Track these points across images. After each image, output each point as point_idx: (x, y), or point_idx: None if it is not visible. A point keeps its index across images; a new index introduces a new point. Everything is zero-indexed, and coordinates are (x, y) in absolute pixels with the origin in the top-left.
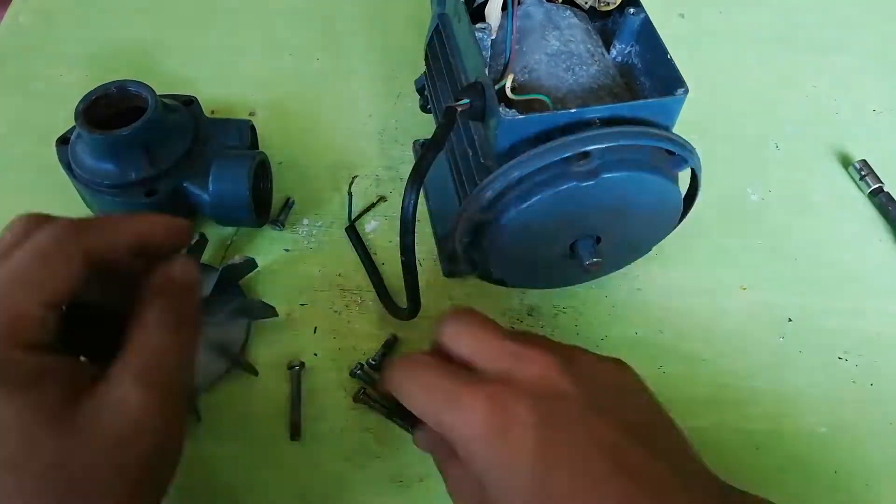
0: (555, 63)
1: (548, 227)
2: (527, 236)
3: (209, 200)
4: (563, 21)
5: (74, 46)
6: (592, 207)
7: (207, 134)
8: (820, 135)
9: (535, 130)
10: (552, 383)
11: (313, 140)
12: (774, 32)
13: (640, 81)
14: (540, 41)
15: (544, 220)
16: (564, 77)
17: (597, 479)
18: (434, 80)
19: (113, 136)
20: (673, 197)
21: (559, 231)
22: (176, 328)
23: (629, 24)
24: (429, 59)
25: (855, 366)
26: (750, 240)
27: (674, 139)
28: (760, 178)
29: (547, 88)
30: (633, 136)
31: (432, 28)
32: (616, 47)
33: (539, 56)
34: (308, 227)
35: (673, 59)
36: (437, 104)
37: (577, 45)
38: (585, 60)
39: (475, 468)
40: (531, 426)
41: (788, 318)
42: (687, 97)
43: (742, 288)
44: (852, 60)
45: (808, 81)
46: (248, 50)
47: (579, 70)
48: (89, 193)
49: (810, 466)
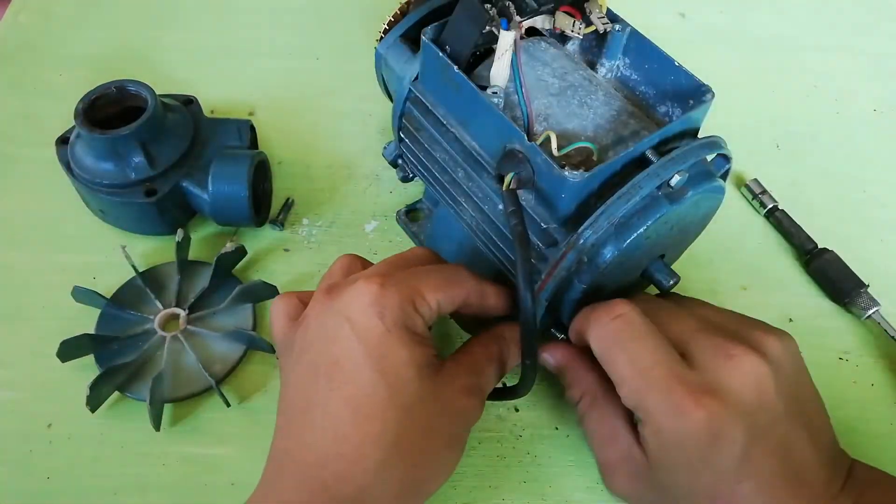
0: (566, 102)
1: (635, 257)
2: (616, 272)
3: (209, 200)
4: (544, 55)
5: (74, 46)
6: (674, 227)
7: (207, 134)
8: (820, 134)
9: (600, 182)
10: (763, 397)
11: (313, 140)
12: (774, 32)
13: (640, 92)
14: (537, 83)
15: (635, 251)
16: (583, 113)
17: (774, 484)
18: (424, 152)
19: (112, 136)
20: (721, 197)
21: (641, 258)
22: (495, 364)
23: (615, 41)
24: (409, 131)
25: (856, 366)
26: (751, 239)
27: (723, 143)
28: (761, 178)
29: (574, 131)
30: (700, 151)
31: (404, 97)
32: (605, 65)
33: (546, 100)
34: (308, 226)
35: (683, 66)
36: (430, 176)
37: (572, 75)
38: (589, 89)
39: (661, 454)
40: (739, 443)
41: (789, 318)
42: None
43: (742, 288)
44: (854, 60)
45: (808, 81)
46: (247, 50)
47: (591, 101)
48: (89, 193)
49: None
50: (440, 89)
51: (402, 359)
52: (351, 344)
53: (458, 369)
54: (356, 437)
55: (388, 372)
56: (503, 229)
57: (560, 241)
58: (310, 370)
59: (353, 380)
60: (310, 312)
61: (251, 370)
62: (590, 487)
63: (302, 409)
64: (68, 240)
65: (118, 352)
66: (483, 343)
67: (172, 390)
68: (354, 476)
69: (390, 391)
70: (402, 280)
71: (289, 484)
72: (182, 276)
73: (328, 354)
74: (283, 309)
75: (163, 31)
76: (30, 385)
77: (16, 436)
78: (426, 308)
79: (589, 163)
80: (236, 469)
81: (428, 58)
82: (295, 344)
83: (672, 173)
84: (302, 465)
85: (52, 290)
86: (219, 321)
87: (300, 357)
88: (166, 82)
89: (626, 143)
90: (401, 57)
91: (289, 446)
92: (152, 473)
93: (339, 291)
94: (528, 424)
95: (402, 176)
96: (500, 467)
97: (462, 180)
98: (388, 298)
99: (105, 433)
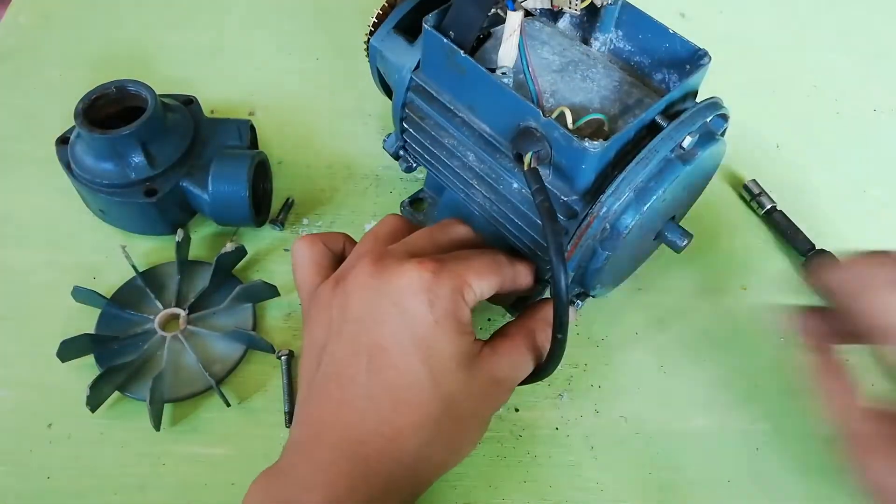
0: (569, 77)
1: (652, 220)
2: (635, 238)
3: (208, 200)
4: (540, 34)
5: (74, 46)
6: (685, 188)
7: (207, 134)
8: (820, 134)
9: (615, 151)
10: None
11: (313, 140)
12: (774, 32)
13: (634, 62)
14: (539, 61)
15: (652, 214)
16: (587, 87)
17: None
18: (430, 139)
19: (112, 136)
20: (723, 154)
21: (656, 221)
22: (531, 351)
23: (608, 14)
24: (413, 120)
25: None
26: (750, 239)
27: (722, 104)
28: (761, 178)
29: (582, 104)
30: (706, 112)
31: (405, 87)
32: (598, 39)
33: (549, 77)
34: (308, 226)
35: (678, 33)
36: (438, 162)
37: (570, 51)
38: (588, 63)
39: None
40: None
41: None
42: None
43: (742, 288)
44: (854, 61)
45: (808, 82)
46: (247, 49)
47: (592, 74)
48: (89, 193)
49: (811, 467)
50: (445, 75)
51: (447, 352)
52: (398, 330)
53: (498, 360)
54: (398, 421)
55: (433, 364)
56: (521, 207)
57: (580, 213)
58: (350, 345)
59: (396, 366)
60: (352, 281)
61: (251, 370)
62: (589, 487)
63: (337, 382)
64: (68, 240)
65: (118, 352)
66: (523, 330)
67: (172, 390)
68: (393, 457)
69: (433, 383)
70: (453, 268)
71: (328, 455)
72: (182, 276)
73: (373, 334)
74: (310, 257)
75: (163, 31)
76: (30, 385)
77: (16, 435)
78: (472, 296)
79: (601, 133)
80: (236, 469)
81: (431, 45)
82: (332, 308)
83: (684, 135)
84: (342, 440)
85: (52, 290)
86: (219, 321)
87: (341, 327)
88: (166, 82)
89: (633, 111)
90: (397, 48)
91: (325, 417)
92: (152, 473)
93: (388, 270)
94: (528, 424)
95: (405, 167)
96: (500, 467)
97: (473, 163)
98: (439, 288)
99: (105, 433)
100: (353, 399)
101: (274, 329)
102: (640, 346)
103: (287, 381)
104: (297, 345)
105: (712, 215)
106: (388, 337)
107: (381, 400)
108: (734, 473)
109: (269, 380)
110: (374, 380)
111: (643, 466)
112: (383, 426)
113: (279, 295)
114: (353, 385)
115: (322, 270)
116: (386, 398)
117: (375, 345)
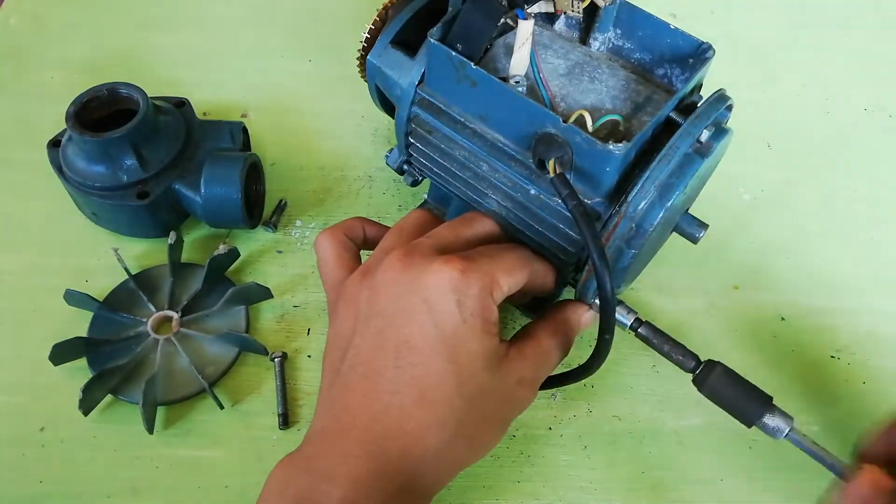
0: (577, 80)
1: (674, 214)
2: (658, 234)
3: (201, 202)
4: (542, 38)
5: (65, 49)
6: (701, 178)
7: (199, 136)
8: (811, 134)
9: (636, 150)
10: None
11: (306, 141)
12: (765, 31)
13: (635, 59)
14: (545, 67)
15: (674, 209)
16: (596, 88)
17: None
18: (439, 152)
19: (104, 139)
20: (728, 143)
21: (675, 215)
22: (557, 353)
23: (606, 14)
24: (420, 135)
25: (847, 364)
26: (743, 239)
27: (728, 96)
28: (753, 178)
29: (594, 106)
30: (718, 105)
31: (409, 101)
32: (598, 39)
33: (557, 81)
34: (301, 228)
35: (679, 28)
36: (448, 174)
37: (573, 54)
38: (593, 64)
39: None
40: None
41: (781, 317)
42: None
43: (735, 287)
44: (844, 59)
45: (799, 81)
46: (240, 51)
47: (599, 75)
48: (81, 196)
49: (804, 465)
50: (453, 88)
51: (473, 351)
52: (426, 328)
53: (523, 362)
54: (421, 417)
55: (459, 362)
56: (541, 213)
57: (602, 214)
58: (377, 339)
59: (423, 362)
60: (380, 276)
61: (244, 372)
62: (582, 487)
63: (362, 373)
64: (60, 243)
65: (111, 355)
66: (549, 332)
67: (165, 393)
68: (415, 453)
69: (458, 381)
70: (481, 267)
71: (352, 447)
72: (175, 279)
73: (400, 330)
74: (334, 250)
75: (155, 34)
76: (22, 388)
77: (8, 439)
78: (500, 294)
79: (615, 133)
80: (230, 471)
81: (438, 58)
82: (360, 301)
83: (701, 130)
84: (367, 432)
85: (44, 294)
86: (212, 323)
87: (368, 321)
88: (158, 84)
89: (645, 109)
90: (397, 63)
91: (351, 406)
92: (145, 476)
93: (416, 266)
94: (522, 424)
95: (410, 181)
96: (493, 467)
97: (487, 173)
98: (468, 287)
99: (98, 436)
100: (378, 391)
101: (267, 331)
102: (633, 345)
103: (280, 383)
104: (290, 347)
105: (704, 214)
106: (416, 334)
107: (406, 394)
108: (727, 472)
109: (262, 382)
110: (400, 374)
111: (636, 466)
112: (407, 421)
113: (272, 297)
114: (379, 378)
115: (347, 263)
116: (411, 393)
117: (403, 341)
